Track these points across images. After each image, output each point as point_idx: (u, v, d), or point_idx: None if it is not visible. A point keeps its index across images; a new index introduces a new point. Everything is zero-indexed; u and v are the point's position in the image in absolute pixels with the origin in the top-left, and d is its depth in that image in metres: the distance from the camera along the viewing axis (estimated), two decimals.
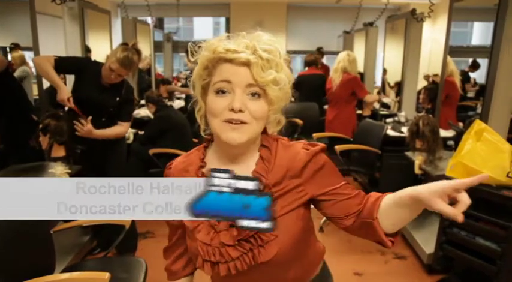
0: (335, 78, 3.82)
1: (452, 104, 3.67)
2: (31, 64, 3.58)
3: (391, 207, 0.84)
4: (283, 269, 0.91)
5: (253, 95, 0.81)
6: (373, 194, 0.90)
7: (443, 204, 0.72)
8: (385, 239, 0.86)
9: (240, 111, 0.79)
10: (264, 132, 0.91)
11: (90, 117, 2.26)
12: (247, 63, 0.79)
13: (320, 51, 6.49)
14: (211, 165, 0.90)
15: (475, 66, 4.48)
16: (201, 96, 0.87)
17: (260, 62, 0.79)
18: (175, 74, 7.38)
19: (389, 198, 0.85)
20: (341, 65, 3.78)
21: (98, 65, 2.41)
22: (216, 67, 0.82)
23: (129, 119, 2.53)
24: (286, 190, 0.87)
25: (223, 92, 0.81)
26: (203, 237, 0.86)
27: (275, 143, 0.90)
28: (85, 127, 2.24)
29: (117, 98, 2.42)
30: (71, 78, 2.53)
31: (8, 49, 3.11)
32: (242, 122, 0.80)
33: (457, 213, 0.70)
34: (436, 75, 4.39)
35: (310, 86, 4.75)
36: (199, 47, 0.85)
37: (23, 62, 2.70)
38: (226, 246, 0.84)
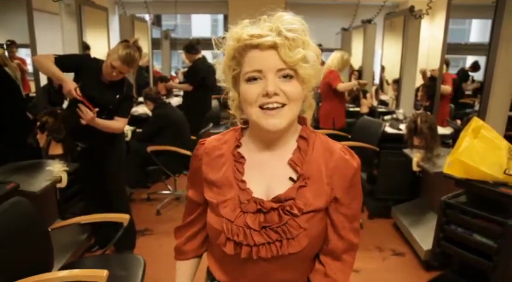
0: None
1: (446, 99, 3.70)
2: (28, 61, 3.57)
3: None
4: (304, 265, 0.90)
5: (285, 77, 0.80)
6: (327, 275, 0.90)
7: None
8: None
9: (275, 94, 0.79)
10: (303, 123, 0.91)
11: (97, 109, 2.25)
12: (274, 46, 0.78)
13: (319, 49, 6.49)
14: (246, 147, 0.90)
15: (475, 67, 4.48)
16: (233, 87, 0.87)
17: (286, 42, 0.78)
18: (173, 72, 7.37)
19: None
20: (326, 63, 3.97)
21: (97, 62, 2.40)
22: (243, 55, 0.81)
23: (126, 115, 2.52)
24: (319, 185, 0.85)
25: (254, 78, 0.80)
26: (228, 213, 0.84)
27: (313, 135, 0.89)
28: (88, 114, 2.23)
29: (118, 96, 2.41)
30: (69, 77, 2.51)
31: (4, 46, 3.09)
32: (278, 105, 0.79)
33: None
34: (434, 70, 4.39)
35: None
36: (223, 38, 0.84)
37: None
38: (251, 229, 0.83)
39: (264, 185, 0.87)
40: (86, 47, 3.96)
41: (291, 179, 0.86)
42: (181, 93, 5.24)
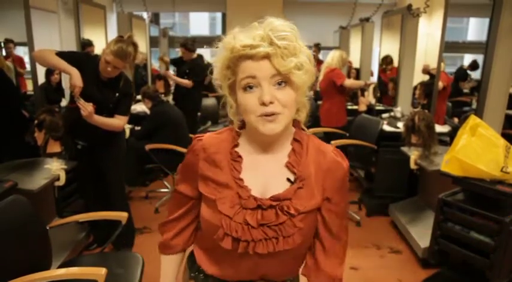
0: (321, 74, 3.97)
1: (443, 97, 3.72)
2: (26, 60, 3.56)
3: None
4: (295, 260, 0.95)
5: (279, 84, 0.82)
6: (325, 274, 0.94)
7: None
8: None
9: (271, 103, 0.81)
10: (297, 126, 0.94)
11: (91, 104, 2.23)
12: (267, 56, 0.80)
13: (317, 47, 6.49)
14: (243, 148, 0.92)
15: (474, 66, 4.49)
16: (230, 95, 0.89)
17: (279, 51, 0.79)
18: (171, 70, 7.34)
19: None
20: (325, 62, 3.97)
21: (95, 58, 2.38)
22: (237, 65, 0.83)
23: (126, 113, 2.49)
24: (313, 186, 0.89)
25: (250, 87, 0.82)
26: (227, 209, 0.87)
27: (306, 138, 0.93)
28: (88, 108, 2.20)
29: (117, 94, 2.40)
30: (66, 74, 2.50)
31: (1, 44, 3.08)
32: (275, 113, 0.82)
33: None
34: (433, 68, 4.41)
35: None
36: (217, 47, 0.86)
37: None
38: (249, 226, 0.85)
39: (261, 184, 0.89)
40: (88, 43, 3.95)
41: (288, 180, 0.89)
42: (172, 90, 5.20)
